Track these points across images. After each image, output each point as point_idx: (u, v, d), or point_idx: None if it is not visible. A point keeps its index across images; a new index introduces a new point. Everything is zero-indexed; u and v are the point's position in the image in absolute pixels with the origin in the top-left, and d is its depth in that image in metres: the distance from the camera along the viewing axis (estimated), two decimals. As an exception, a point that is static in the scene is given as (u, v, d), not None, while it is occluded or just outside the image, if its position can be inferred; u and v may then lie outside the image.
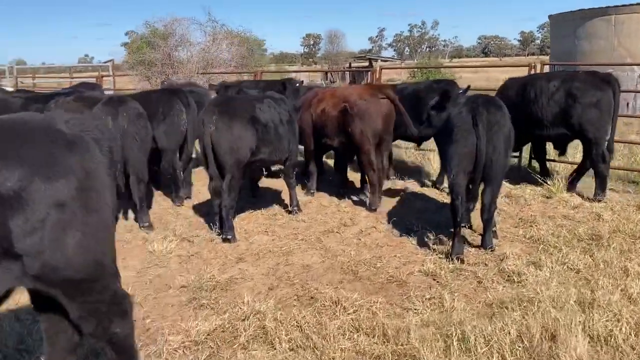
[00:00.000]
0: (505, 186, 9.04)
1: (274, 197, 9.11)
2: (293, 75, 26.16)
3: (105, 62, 20.89)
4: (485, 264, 6.01)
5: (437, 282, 5.59)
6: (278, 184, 9.85)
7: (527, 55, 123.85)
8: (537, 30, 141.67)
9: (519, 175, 9.67)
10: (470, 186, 6.37)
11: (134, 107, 7.44)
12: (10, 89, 12.71)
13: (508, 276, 5.63)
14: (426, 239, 6.84)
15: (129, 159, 7.35)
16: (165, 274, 5.97)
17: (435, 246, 6.57)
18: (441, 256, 6.24)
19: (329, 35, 67.13)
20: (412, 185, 9.56)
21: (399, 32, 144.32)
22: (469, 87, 8.37)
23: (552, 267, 5.69)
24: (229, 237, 6.99)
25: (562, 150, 9.47)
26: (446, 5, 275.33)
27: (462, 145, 6.05)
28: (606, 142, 8.32)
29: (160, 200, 9.02)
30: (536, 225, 7.18)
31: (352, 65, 59.00)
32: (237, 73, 17.32)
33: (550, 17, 23.39)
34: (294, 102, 8.87)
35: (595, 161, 8.31)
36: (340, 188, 9.22)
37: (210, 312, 4.97)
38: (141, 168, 7.45)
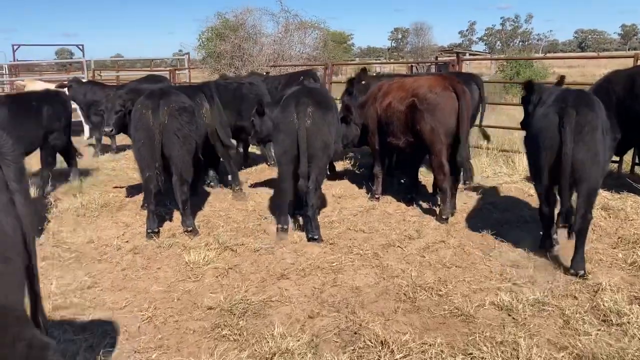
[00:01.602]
0: (602, 196, 7.78)
1: (331, 202, 8.26)
2: (378, 68, 25.26)
3: (182, 55, 20.84)
4: (575, 297, 4.88)
5: (513, 319, 4.53)
6: (337, 187, 9.01)
7: (629, 50, 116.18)
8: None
9: (619, 184, 8.31)
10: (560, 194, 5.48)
11: (176, 101, 6.80)
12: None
13: (604, 315, 4.51)
14: (504, 261, 5.78)
15: (171, 157, 6.73)
16: (196, 291, 5.26)
17: (514, 270, 5.50)
18: (521, 284, 5.16)
19: (414, 28, 65.24)
20: (492, 193, 8.41)
21: (491, 25, 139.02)
22: (563, 77, 7.09)
23: (663, 308, 4.50)
24: (316, 237, 6.53)
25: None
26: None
27: (547, 151, 5.38)
28: None
29: (212, 201, 8.38)
30: (640, 248, 5.95)
31: (439, 59, 57.35)
32: (308, 66, 16.56)
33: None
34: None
35: None
36: (408, 193, 8.23)
37: (232, 346, 4.18)
38: (184, 167, 6.80)
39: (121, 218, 7.65)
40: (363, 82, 9.96)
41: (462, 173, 7.35)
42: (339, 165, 10.58)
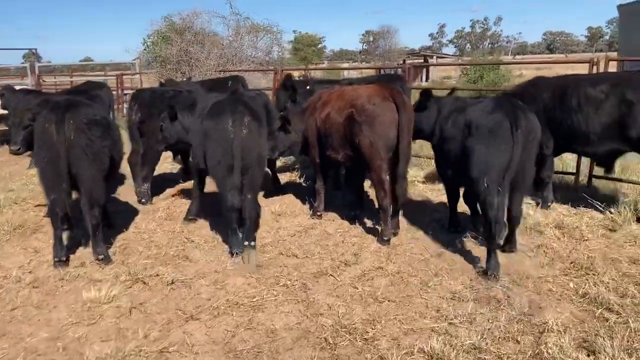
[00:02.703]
0: (557, 212, 7.29)
1: (269, 220, 7.61)
2: (345, 73, 24.61)
3: (133, 60, 20.00)
4: (517, 340, 4.29)
5: (443, 372, 3.93)
6: (278, 203, 8.36)
7: (595, 52, 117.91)
8: (606, 26, 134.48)
9: (575, 198, 7.80)
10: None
11: (86, 113, 6.06)
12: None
13: (549, 365, 3.93)
14: (444, 292, 5.20)
15: (79, 177, 5.98)
16: (87, 337, 4.55)
17: (452, 306, 4.90)
18: (458, 323, 4.56)
19: (382, 31, 64.76)
20: (440, 209, 7.83)
21: (461, 28, 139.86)
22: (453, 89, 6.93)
23: (613, 357, 3.93)
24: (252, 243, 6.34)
25: (608, 168, 7.65)
26: (510, 1, 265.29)
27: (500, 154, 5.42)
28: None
29: (138, 221, 7.65)
30: (593, 274, 5.41)
31: (407, 62, 57.07)
32: (258, 71, 15.85)
33: (619, 7, 20.94)
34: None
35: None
36: (352, 210, 7.62)
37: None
38: (95, 188, 6.06)
39: (32, 243, 6.89)
40: (308, 88, 9.38)
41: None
42: (284, 177, 9.91)
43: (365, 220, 7.44)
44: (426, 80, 48.64)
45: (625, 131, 6.67)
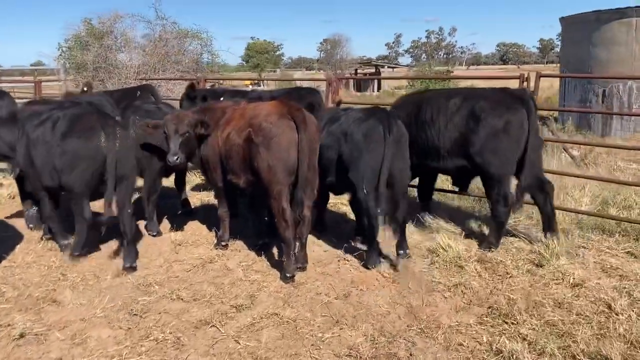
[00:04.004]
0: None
1: (166, 251, 6.76)
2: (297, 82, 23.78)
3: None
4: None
5: None
6: (182, 230, 7.52)
7: (546, 63, 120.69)
8: (557, 38, 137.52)
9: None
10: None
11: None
12: None
13: None
14: (340, 347, 4.46)
15: None
16: None
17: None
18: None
19: (332, 39, 64.23)
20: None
21: (417, 38, 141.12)
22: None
23: None
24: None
25: (463, 186, 7.51)
26: (465, 12, 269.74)
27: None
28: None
29: (17, 252, 6.68)
30: (512, 323, 4.75)
31: (358, 71, 56.75)
32: (182, 79, 14.90)
33: (561, 19, 20.85)
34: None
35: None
36: (261, 239, 6.82)
37: None
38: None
39: None
40: (222, 99, 8.57)
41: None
42: (194, 199, 9.04)
43: (274, 251, 6.66)
44: (378, 90, 48.59)
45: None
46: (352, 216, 7.78)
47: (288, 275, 5.80)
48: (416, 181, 7.77)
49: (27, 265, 6.32)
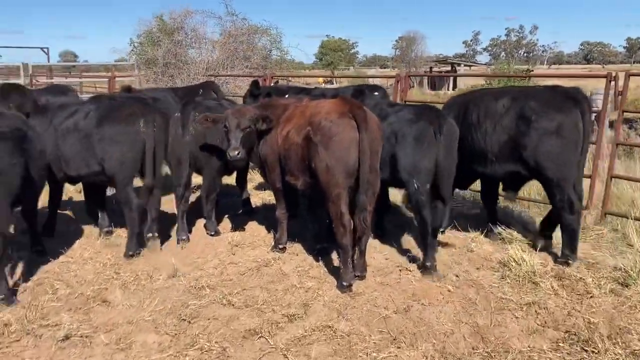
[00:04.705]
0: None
1: (223, 252, 6.56)
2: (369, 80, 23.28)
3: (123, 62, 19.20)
4: None
5: None
6: (241, 230, 7.31)
7: (634, 63, 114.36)
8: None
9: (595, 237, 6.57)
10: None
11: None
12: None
13: None
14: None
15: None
16: None
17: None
18: None
19: (407, 37, 63.06)
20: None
21: (496, 36, 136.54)
22: None
23: None
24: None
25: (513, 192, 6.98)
26: (547, 9, 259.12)
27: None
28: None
29: (76, 247, 6.67)
30: (594, 351, 4.21)
31: (433, 69, 55.40)
32: (250, 76, 14.74)
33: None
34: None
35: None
36: (318, 243, 6.51)
37: None
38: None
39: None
40: (287, 96, 8.30)
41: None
42: (256, 198, 8.84)
43: (333, 256, 6.32)
44: (453, 88, 47.28)
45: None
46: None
47: (345, 284, 5.45)
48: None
49: (83, 262, 6.27)
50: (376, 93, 8.50)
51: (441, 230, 6.63)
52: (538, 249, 6.29)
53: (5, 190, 5.08)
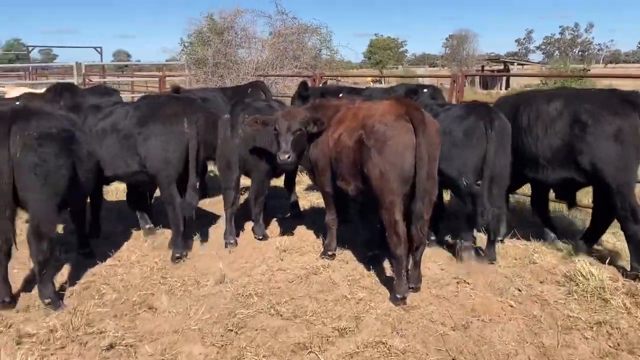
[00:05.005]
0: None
1: (271, 258, 6.37)
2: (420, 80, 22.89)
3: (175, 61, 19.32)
4: None
5: None
6: (290, 235, 7.11)
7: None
8: None
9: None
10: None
11: (38, 125, 4.98)
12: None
13: None
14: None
15: (26, 203, 4.97)
16: None
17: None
18: None
19: (458, 35, 61.79)
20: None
21: (550, 34, 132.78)
22: None
23: None
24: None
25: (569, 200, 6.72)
26: (603, 7, 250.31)
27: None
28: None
29: (123, 250, 6.60)
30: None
31: (485, 69, 54.08)
32: (298, 76, 14.53)
33: None
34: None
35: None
36: (370, 250, 6.25)
37: None
38: (44, 217, 4.98)
39: None
40: (341, 96, 8.09)
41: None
42: (304, 201, 8.62)
43: (385, 265, 6.05)
44: (506, 88, 46.09)
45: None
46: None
47: (398, 296, 5.16)
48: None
49: (130, 265, 6.18)
50: (425, 90, 8.23)
51: (499, 238, 6.34)
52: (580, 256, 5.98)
53: (52, 192, 5.00)
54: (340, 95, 8.37)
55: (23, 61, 40.24)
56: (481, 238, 6.57)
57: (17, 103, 6.89)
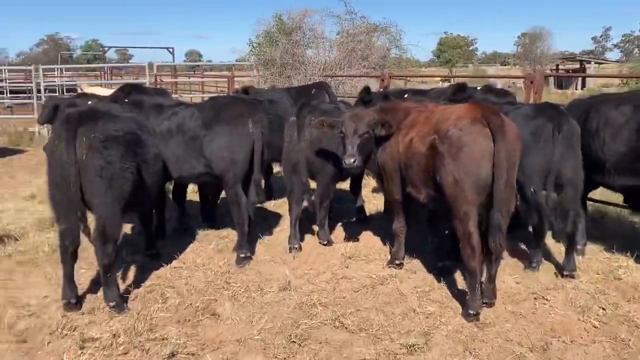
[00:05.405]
0: None
1: (336, 265, 6.18)
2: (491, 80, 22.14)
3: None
4: None
5: None
6: (355, 241, 6.89)
7: None
8: None
9: None
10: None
11: (104, 128, 4.97)
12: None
13: None
14: None
15: (92, 205, 4.98)
16: None
17: None
18: None
19: (531, 33, 59.57)
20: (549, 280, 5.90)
21: (629, 31, 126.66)
22: None
23: None
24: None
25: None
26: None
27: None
28: None
29: (189, 252, 6.58)
30: None
31: (560, 67, 51.85)
32: (365, 76, 14.24)
33: None
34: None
35: None
36: (440, 261, 5.95)
37: None
38: (109, 220, 4.97)
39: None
40: (406, 96, 7.82)
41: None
42: (371, 205, 8.37)
43: (456, 276, 5.74)
44: (582, 87, 44.16)
45: None
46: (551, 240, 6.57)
47: (471, 312, 4.85)
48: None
49: (195, 268, 6.12)
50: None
51: (578, 247, 5.95)
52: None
53: (117, 195, 4.98)
54: (405, 96, 8.08)
55: (100, 61, 41.93)
56: (559, 249, 6.19)
57: (89, 103, 7.00)
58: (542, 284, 5.52)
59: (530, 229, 6.13)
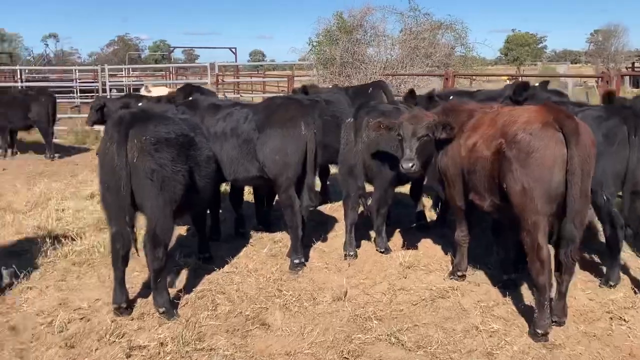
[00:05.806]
0: None
1: (393, 274, 5.88)
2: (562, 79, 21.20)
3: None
4: None
5: None
6: (414, 250, 6.57)
7: None
8: None
9: None
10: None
11: (155, 130, 4.86)
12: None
13: None
14: None
15: (143, 208, 4.90)
16: None
17: None
18: None
19: (605, 30, 56.78)
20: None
21: None
22: None
23: None
24: None
25: None
26: None
27: None
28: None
29: (242, 257, 6.42)
30: None
31: (636, 65, 48.96)
32: (427, 75, 13.77)
33: None
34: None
35: None
36: (506, 273, 5.56)
37: None
38: (161, 223, 4.86)
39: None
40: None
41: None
42: (431, 212, 8.01)
43: (523, 291, 5.34)
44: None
45: None
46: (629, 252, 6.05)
47: (539, 331, 4.46)
48: None
49: (247, 273, 5.95)
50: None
51: None
52: None
53: (168, 198, 4.87)
54: (450, 98, 7.64)
55: (167, 62, 42.96)
56: (638, 263, 5.69)
57: (140, 105, 6.99)
58: (618, 302, 5.04)
59: (604, 240, 5.66)
